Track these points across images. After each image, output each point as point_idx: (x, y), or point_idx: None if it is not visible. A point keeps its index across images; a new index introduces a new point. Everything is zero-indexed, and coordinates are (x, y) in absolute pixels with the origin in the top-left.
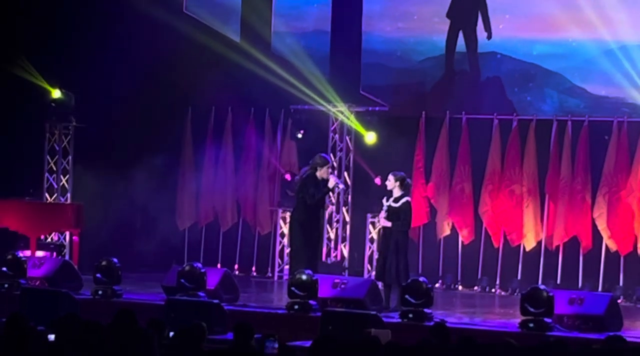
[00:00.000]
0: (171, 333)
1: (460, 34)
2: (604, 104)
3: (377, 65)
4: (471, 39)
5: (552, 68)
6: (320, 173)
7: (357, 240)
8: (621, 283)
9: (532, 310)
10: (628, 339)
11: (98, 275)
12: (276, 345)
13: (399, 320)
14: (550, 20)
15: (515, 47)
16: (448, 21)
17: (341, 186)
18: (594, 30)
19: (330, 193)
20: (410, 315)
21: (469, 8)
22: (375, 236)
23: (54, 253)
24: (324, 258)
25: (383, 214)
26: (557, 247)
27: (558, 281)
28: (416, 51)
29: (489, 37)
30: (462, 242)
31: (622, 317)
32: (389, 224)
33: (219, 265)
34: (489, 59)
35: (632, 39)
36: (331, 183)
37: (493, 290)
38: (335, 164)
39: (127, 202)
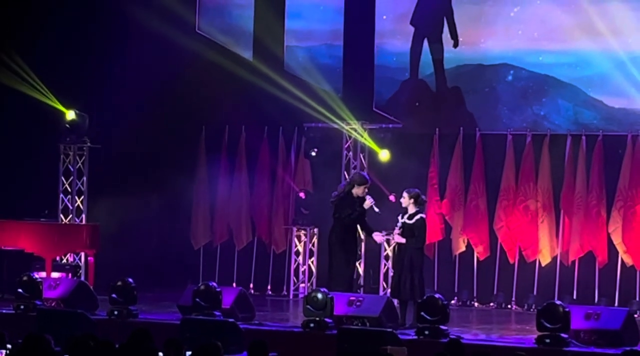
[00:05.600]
0: (188, 353)
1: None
2: (621, 117)
3: (389, 79)
4: (435, 48)
5: (567, 79)
6: (357, 191)
7: (372, 257)
8: (637, 298)
9: (548, 325)
10: None
11: (114, 295)
12: None
13: (415, 337)
14: (562, 32)
15: (528, 60)
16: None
17: (377, 210)
18: (606, 41)
19: None
20: (426, 332)
21: (432, 14)
22: (390, 253)
23: (70, 274)
24: None
25: (397, 230)
26: (573, 262)
27: (574, 297)
28: (426, 64)
29: (455, 44)
30: (478, 258)
31: (638, 332)
32: (403, 240)
33: (234, 284)
34: (503, 72)
35: None
36: (366, 205)
37: (509, 306)
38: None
39: (142, 222)
